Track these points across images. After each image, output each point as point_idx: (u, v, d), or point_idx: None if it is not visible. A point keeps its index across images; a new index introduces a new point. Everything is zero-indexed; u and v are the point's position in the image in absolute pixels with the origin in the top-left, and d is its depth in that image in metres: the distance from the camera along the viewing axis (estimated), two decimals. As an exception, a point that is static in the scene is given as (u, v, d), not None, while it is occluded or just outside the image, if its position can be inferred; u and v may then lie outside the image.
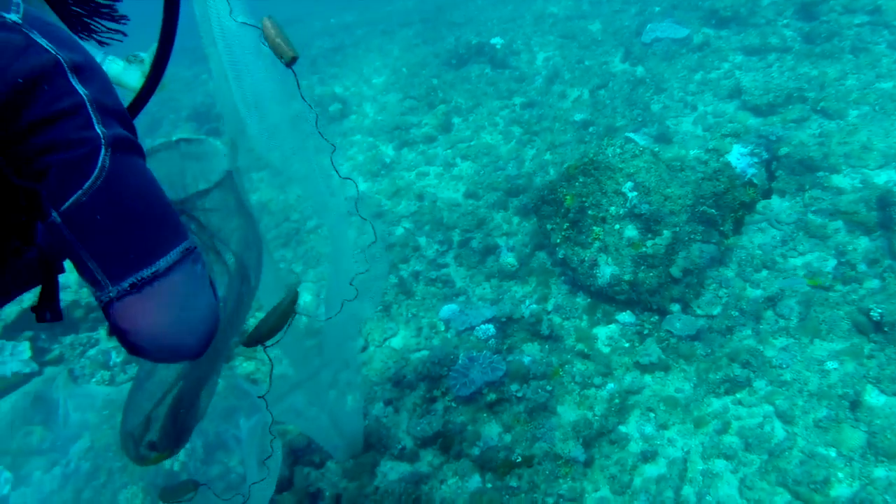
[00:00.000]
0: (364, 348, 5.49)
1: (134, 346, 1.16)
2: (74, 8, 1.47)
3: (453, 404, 4.45)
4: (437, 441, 4.23)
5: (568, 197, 5.12)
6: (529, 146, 7.97)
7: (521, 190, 7.05)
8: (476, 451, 4.10)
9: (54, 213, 1.05)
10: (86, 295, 6.12)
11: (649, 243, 4.77)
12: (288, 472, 4.22)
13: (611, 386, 4.41)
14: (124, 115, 1.18)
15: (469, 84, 9.78)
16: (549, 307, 5.35)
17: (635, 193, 4.86)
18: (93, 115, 1.08)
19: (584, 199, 5.11)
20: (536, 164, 7.48)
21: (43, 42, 1.05)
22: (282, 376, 4.18)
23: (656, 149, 5.34)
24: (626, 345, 4.84)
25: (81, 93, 1.07)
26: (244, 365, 5.50)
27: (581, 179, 5.16)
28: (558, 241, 5.27)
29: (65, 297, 5.91)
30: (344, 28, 14.04)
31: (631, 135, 5.34)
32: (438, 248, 6.53)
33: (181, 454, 4.24)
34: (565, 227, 5.19)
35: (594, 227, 5.05)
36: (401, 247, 6.65)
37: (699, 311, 4.88)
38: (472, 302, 5.62)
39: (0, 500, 4.58)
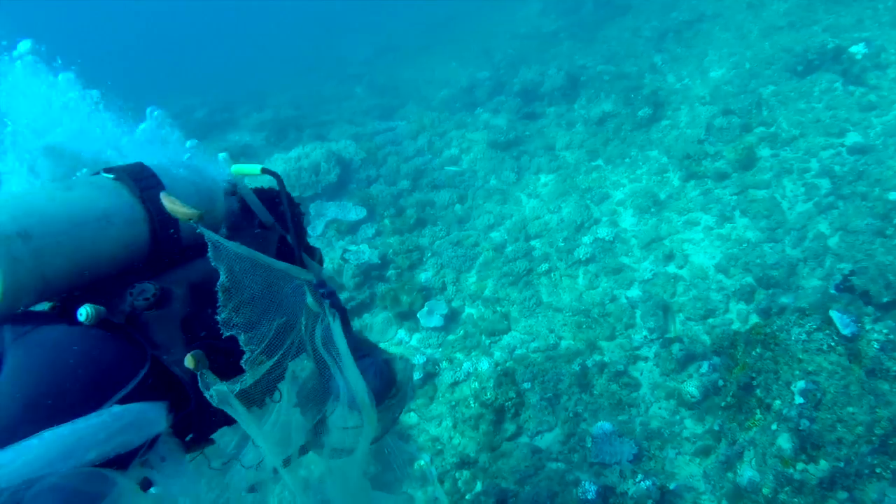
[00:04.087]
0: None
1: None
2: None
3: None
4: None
5: (737, 368, 4.36)
6: (824, 216, 6.57)
7: (773, 284, 6.01)
8: None
9: None
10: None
11: (799, 466, 3.86)
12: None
13: None
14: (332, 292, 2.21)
15: (805, 103, 8.22)
16: (706, 467, 4.72)
17: (802, 400, 3.91)
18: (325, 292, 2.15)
19: (754, 374, 4.29)
20: (813, 249, 6.20)
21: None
22: None
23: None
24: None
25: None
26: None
27: (758, 350, 4.31)
28: (723, 405, 4.56)
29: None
30: (715, -9, 12.53)
31: (836, 315, 4.13)
32: (647, 334, 6.07)
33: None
34: (730, 394, 4.46)
35: (757, 411, 4.24)
36: (615, 318, 6.34)
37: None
38: (631, 430, 5.23)
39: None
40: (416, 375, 6.29)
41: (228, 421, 2.01)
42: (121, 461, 1.63)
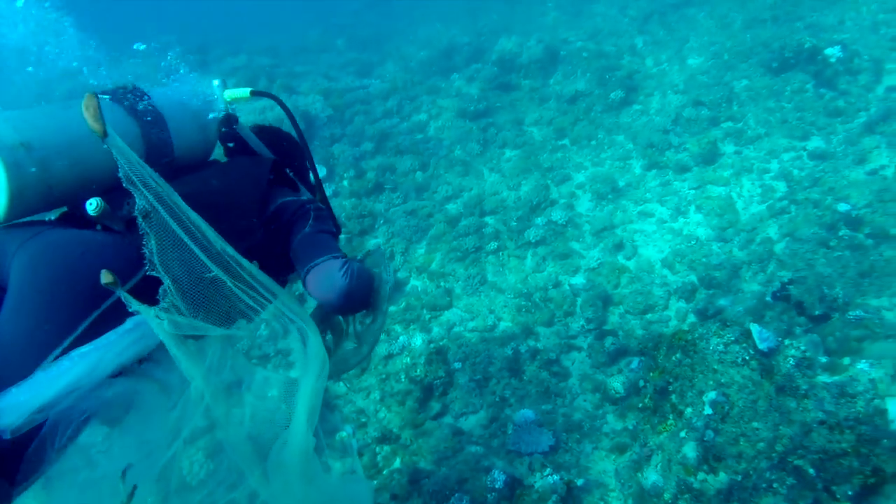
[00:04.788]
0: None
1: (317, 299, 2.38)
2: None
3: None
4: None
5: (656, 371, 4.35)
6: (775, 220, 6.54)
7: (715, 284, 6.00)
8: None
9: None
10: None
11: (700, 475, 3.88)
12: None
13: None
14: (320, 206, 2.57)
15: (775, 101, 8.13)
16: (619, 465, 4.72)
17: (710, 412, 3.91)
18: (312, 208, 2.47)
19: (671, 380, 4.28)
20: (759, 252, 6.17)
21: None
22: None
23: (790, 362, 4.08)
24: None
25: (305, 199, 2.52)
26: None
27: (678, 356, 4.29)
28: (640, 406, 4.57)
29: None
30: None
31: (755, 329, 4.11)
32: (584, 324, 6.05)
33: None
34: (648, 396, 4.46)
35: (670, 416, 4.25)
36: (556, 305, 6.31)
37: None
38: (553, 420, 5.22)
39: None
40: (351, 345, 6.23)
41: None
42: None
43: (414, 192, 8.43)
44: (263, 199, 2.38)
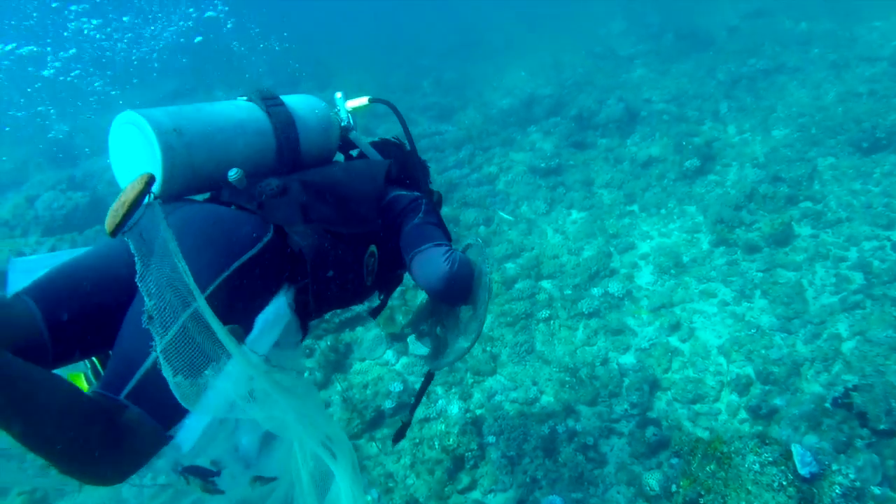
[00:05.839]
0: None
1: (421, 284, 2.56)
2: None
3: None
4: None
5: (687, 480, 4.11)
6: (846, 316, 6.14)
7: (772, 381, 5.66)
8: None
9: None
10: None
11: None
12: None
13: None
14: (431, 202, 2.76)
15: (861, 184, 7.71)
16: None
17: (738, 536, 3.65)
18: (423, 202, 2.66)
19: (703, 492, 4.03)
20: (825, 350, 5.80)
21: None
22: None
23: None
24: None
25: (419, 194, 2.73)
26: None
27: (713, 467, 4.04)
28: (670, 512, 4.32)
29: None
30: (804, 42, 11.85)
31: (798, 451, 3.80)
32: (628, 408, 5.81)
33: None
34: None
35: (698, 531, 4.00)
36: (602, 384, 6.09)
37: None
38: (581, 507, 5.02)
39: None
40: (390, 404, 6.20)
41: (342, 303, 2.52)
42: None
43: (474, 247, 8.37)
44: (380, 192, 2.62)
